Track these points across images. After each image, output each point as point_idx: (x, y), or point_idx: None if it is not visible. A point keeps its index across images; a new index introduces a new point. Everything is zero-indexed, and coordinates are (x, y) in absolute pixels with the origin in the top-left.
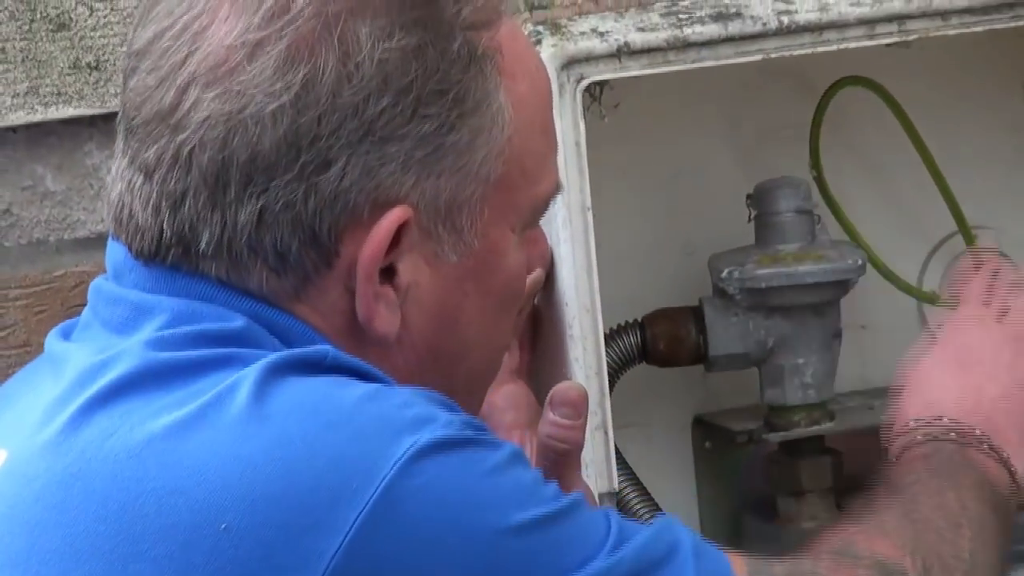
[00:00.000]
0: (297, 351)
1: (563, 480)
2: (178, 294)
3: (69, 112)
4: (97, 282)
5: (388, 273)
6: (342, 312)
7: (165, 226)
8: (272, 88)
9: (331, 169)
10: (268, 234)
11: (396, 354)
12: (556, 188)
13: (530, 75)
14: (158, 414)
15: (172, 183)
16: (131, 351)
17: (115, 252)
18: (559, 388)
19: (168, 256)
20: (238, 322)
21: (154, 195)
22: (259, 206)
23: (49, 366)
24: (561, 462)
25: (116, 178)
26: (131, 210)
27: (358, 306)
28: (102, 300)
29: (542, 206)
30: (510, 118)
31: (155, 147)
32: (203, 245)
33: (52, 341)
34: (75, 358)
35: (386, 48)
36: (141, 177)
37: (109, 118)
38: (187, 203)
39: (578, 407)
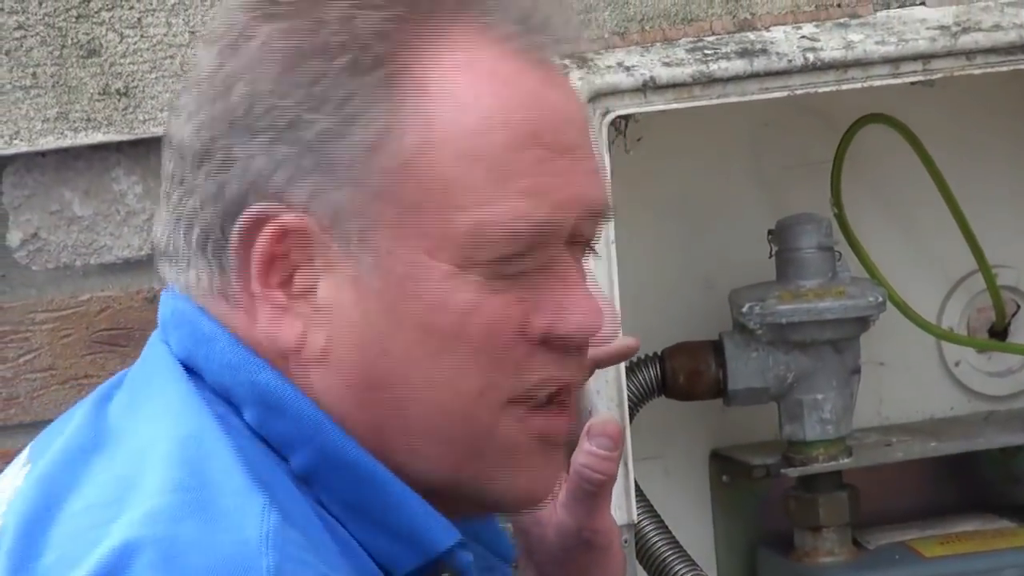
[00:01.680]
0: None
1: (594, 512)
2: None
3: (98, 138)
4: None
5: (302, 287)
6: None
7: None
8: (199, 82)
9: (233, 167)
10: (199, 233)
11: (319, 375)
12: (506, 228)
13: (464, 103)
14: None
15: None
16: None
17: None
18: (597, 420)
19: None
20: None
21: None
22: (192, 205)
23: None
24: (593, 493)
25: None
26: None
27: (246, 309)
28: None
29: (481, 243)
30: (407, 134)
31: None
32: (161, 242)
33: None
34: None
35: (274, 48)
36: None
37: (137, 144)
38: (163, 205)
39: (615, 439)
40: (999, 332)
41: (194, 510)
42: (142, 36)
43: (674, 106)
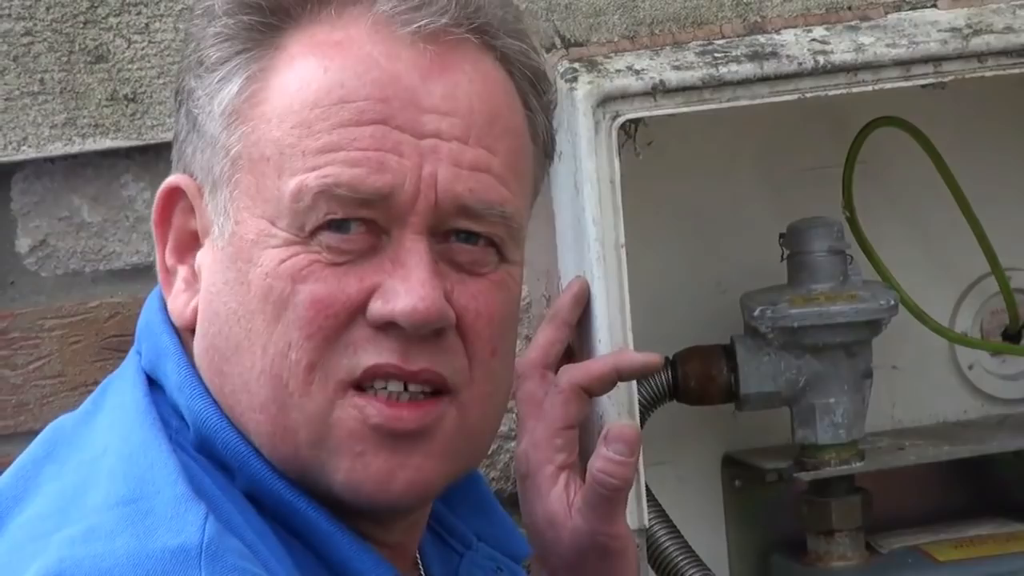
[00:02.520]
0: None
1: (610, 517)
2: None
3: (106, 144)
4: None
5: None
6: None
7: None
8: None
9: (175, 140)
10: None
11: (197, 341)
12: (304, 190)
13: (307, 71)
14: None
15: None
16: None
17: None
18: (615, 425)
19: None
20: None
21: None
22: None
23: None
24: (609, 498)
25: None
26: None
27: (163, 280)
28: None
29: (295, 205)
30: (262, 106)
31: None
32: None
33: None
34: None
35: (191, 21)
36: None
37: (146, 150)
38: None
39: (632, 445)
40: (1012, 335)
41: (133, 524)
42: (150, 41)
43: (684, 109)
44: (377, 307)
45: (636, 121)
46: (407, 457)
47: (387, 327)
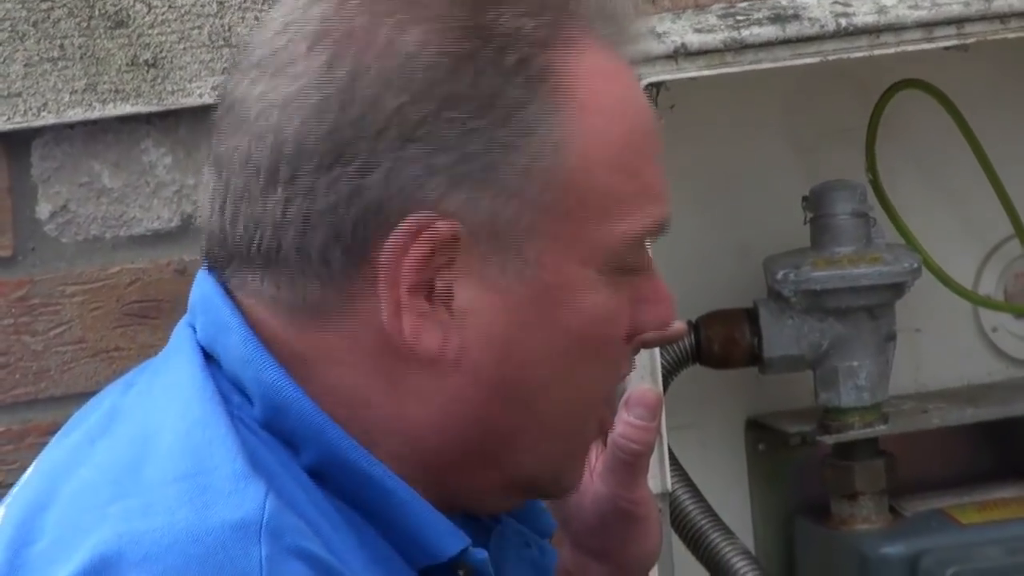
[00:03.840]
0: None
1: (631, 483)
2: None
3: (126, 109)
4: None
5: (440, 293)
6: (381, 328)
7: (228, 229)
8: (319, 82)
9: (374, 173)
10: (313, 235)
11: (456, 383)
12: (645, 233)
13: (613, 112)
14: None
15: (235, 178)
16: None
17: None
18: (636, 390)
19: (230, 266)
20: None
21: (220, 193)
22: (305, 205)
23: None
24: (631, 464)
25: (206, 181)
26: (207, 214)
27: (400, 319)
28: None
29: (624, 250)
30: (571, 147)
31: (225, 143)
32: (255, 249)
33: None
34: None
35: (435, 53)
36: (215, 175)
37: (166, 116)
38: (245, 200)
39: (653, 409)
40: None
41: (191, 499)
42: (170, 6)
43: (706, 73)
44: (657, 327)
45: (658, 85)
46: None
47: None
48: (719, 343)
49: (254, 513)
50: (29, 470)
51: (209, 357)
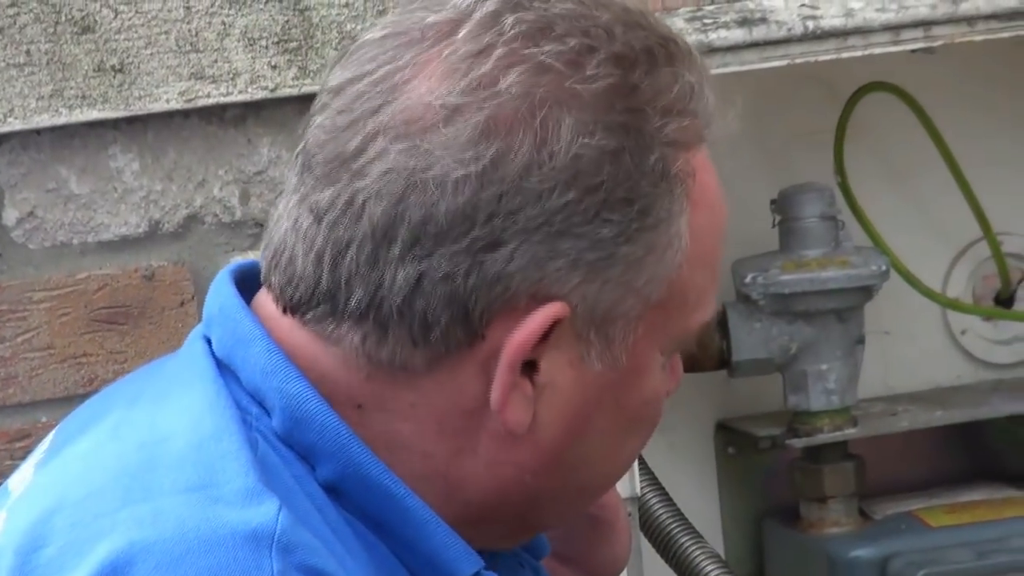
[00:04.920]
0: None
1: None
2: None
3: (93, 115)
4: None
5: (528, 366)
6: (470, 395)
7: (324, 277)
8: (462, 155)
9: (500, 250)
10: (421, 301)
11: (519, 450)
12: (708, 322)
13: (711, 208)
14: None
15: (341, 230)
16: None
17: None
18: None
19: (312, 310)
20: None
21: (319, 239)
22: (419, 270)
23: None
24: None
25: (283, 215)
26: (292, 254)
27: (494, 392)
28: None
29: (690, 338)
30: (685, 246)
31: (331, 190)
32: (353, 303)
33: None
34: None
35: (584, 144)
36: (310, 219)
37: (133, 121)
38: (350, 254)
39: None
40: (1005, 300)
41: (203, 509)
42: (137, 12)
43: None
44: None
45: None
46: None
47: None
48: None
49: (267, 527)
50: (28, 475)
51: (224, 370)
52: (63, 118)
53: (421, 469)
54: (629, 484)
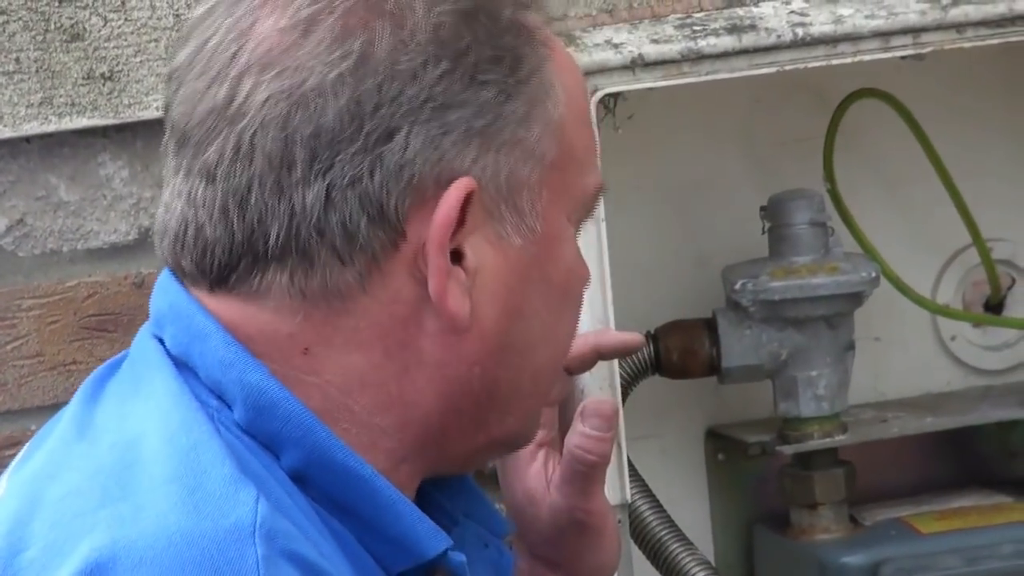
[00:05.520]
0: None
1: (588, 494)
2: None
3: (83, 123)
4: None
5: (456, 256)
6: (406, 300)
7: (236, 228)
8: (330, 59)
9: (395, 138)
10: (336, 214)
11: (467, 343)
12: (601, 187)
13: (574, 70)
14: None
15: (237, 176)
16: None
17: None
18: (591, 401)
19: (235, 270)
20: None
21: (219, 195)
22: (326, 184)
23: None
24: (587, 475)
25: (171, 201)
26: (197, 225)
27: (431, 282)
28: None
29: (591, 201)
30: (562, 97)
31: (215, 145)
32: (272, 241)
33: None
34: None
35: (439, 12)
36: (203, 183)
37: (123, 129)
38: (253, 194)
39: (609, 420)
40: (995, 306)
41: (183, 502)
42: (126, 19)
43: (663, 83)
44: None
45: (615, 95)
46: None
47: None
48: (678, 353)
49: (247, 516)
50: (3, 484)
51: (182, 367)
52: (52, 126)
53: (379, 401)
54: (619, 491)
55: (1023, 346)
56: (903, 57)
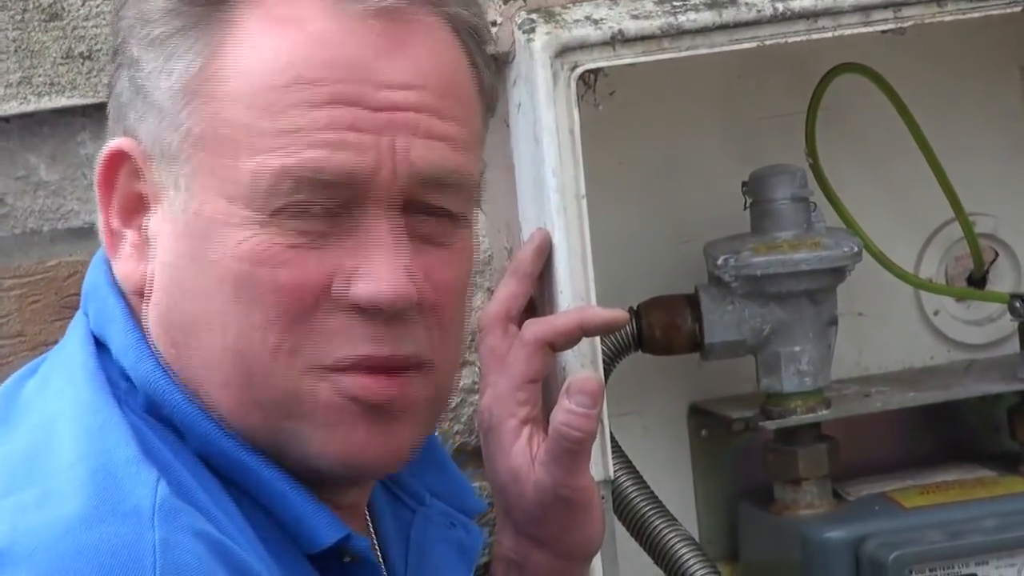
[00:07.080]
0: None
1: (573, 470)
2: None
3: (62, 102)
4: None
5: (136, 225)
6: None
7: None
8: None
9: (110, 100)
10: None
11: (149, 308)
12: (284, 174)
13: (268, 56)
14: None
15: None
16: None
17: None
18: (576, 377)
19: None
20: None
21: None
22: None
23: None
24: (572, 451)
25: None
26: None
27: (108, 247)
28: None
29: (260, 185)
30: (215, 79)
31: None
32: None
33: None
34: None
35: None
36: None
37: (102, 107)
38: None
39: (594, 397)
40: (977, 280)
41: (84, 487)
42: None
43: (643, 59)
44: (344, 290)
45: (596, 71)
46: (384, 427)
47: (353, 308)
48: (660, 329)
49: (146, 498)
50: None
51: (100, 345)
52: (32, 105)
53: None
54: (603, 467)
55: (1006, 320)
56: (884, 31)
